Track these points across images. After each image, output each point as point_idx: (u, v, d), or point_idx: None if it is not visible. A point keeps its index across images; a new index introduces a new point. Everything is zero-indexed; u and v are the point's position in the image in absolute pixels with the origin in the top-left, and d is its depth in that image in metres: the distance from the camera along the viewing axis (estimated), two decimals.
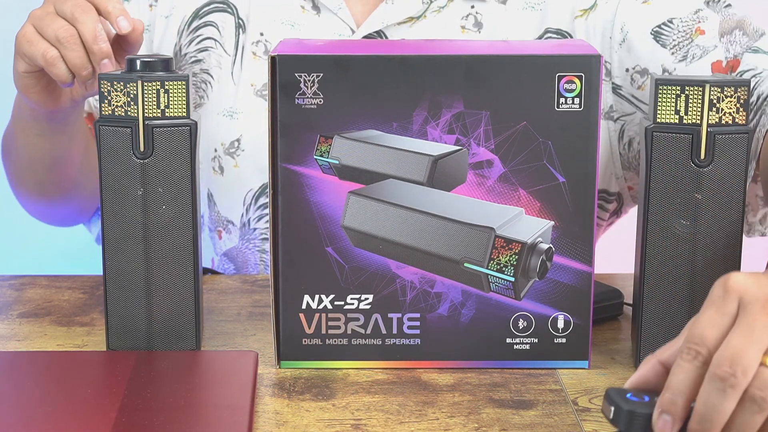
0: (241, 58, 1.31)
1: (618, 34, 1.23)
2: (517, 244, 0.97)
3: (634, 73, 1.23)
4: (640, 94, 1.23)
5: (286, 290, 1.00)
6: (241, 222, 1.34)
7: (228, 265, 1.37)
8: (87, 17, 1.08)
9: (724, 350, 0.74)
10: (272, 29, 1.31)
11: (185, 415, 0.87)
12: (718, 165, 0.95)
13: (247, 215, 1.33)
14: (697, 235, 0.96)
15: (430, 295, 1.00)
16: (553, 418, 0.91)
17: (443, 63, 0.96)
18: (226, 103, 1.31)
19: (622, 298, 1.14)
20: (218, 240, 1.37)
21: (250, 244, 1.34)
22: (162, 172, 0.98)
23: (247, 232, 1.34)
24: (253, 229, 1.33)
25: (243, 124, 1.31)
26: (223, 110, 1.32)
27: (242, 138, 1.31)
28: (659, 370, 0.79)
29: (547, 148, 0.97)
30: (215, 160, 1.33)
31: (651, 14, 1.22)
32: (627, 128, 1.25)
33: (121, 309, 1.00)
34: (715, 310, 0.76)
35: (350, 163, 0.98)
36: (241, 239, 1.34)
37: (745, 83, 0.94)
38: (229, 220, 1.34)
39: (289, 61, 0.96)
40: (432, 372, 1.00)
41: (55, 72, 1.09)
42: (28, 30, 1.10)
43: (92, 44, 1.07)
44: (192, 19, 1.33)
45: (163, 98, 0.98)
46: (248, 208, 1.32)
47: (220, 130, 1.32)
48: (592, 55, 0.96)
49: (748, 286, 0.76)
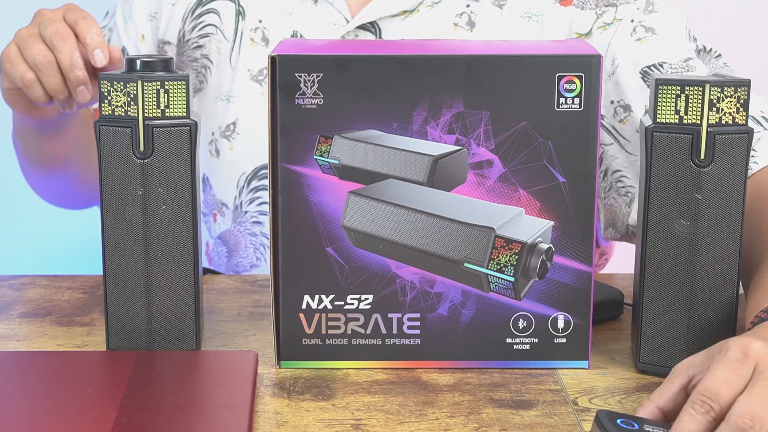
0: (239, 44, 1.34)
1: (609, 65, 1.25)
2: (517, 244, 0.97)
3: (618, 107, 1.24)
4: (621, 127, 1.24)
5: (286, 290, 1.00)
6: (234, 204, 1.37)
7: (221, 248, 1.39)
8: (65, 45, 1.11)
9: (744, 405, 0.78)
10: (271, 17, 1.34)
11: (185, 415, 0.87)
12: (718, 165, 0.95)
13: (240, 198, 1.36)
14: (697, 235, 0.96)
15: (430, 295, 1.00)
16: (553, 418, 0.91)
17: (443, 63, 0.96)
18: (224, 87, 1.35)
19: (622, 298, 1.14)
20: (213, 223, 1.40)
21: (242, 227, 1.37)
22: (162, 172, 0.98)
23: (239, 215, 1.36)
24: (245, 212, 1.36)
25: (239, 108, 1.34)
26: (220, 94, 1.35)
27: (238, 121, 1.34)
28: (658, 415, 0.84)
29: (547, 148, 0.97)
30: (212, 143, 1.37)
31: (643, 53, 1.23)
32: (604, 157, 1.26)
33: (121, 309, 1.00)
34: (731, 371, 0.81)
35: (350, 163, 0.98)
36: (233, 222, 1.37)
37: (745, 83, 0.94)
38: (224, 202, 1.37)
39: (289, 61, 0.96)
40: (432, 372, 1.00)
41: (32, 94, 1.13)
42: (12, 50, 1.14)
43: (68, 72, 1.11)
44: (196, 6, 1.37)
45: (163, 98, 0.98)
46: (241, 191, 1.35)
47: (218, 114, 1.35)
48: (592, 55, 0.96)
49: (764, 355, 0.82)
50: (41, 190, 1.46)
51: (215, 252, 1.40)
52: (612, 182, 1.26)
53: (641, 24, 1.25)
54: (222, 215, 1.38)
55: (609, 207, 1.28)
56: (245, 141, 1.34)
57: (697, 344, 0.97)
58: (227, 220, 1.38)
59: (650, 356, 0.99)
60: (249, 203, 1.35)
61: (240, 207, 1.36)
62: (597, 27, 1.27)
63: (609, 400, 0.95)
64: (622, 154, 1.24)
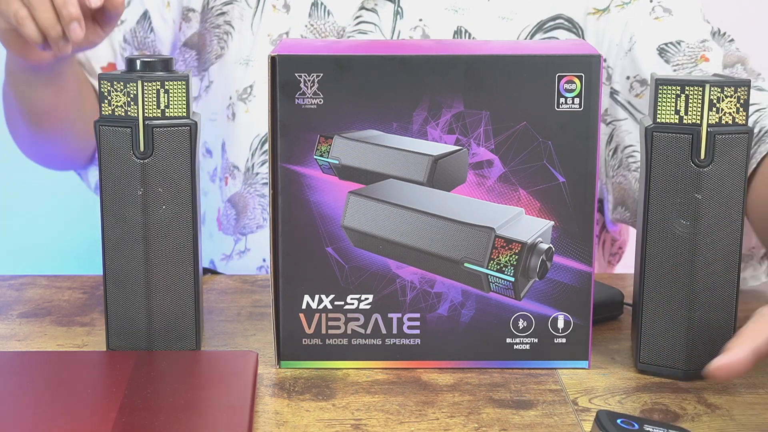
0: (262, 10, 1.37)
1: (626, 42, 1.26)
2: (517, 244, 0.97)
3: (634, 81, 1.25)
4: (637, 102, 1.25)
5: (286, 290, 1.00)
6: (245, 167, 1.38)
7: (230, 211, 1.40)
8: None
9: None
10: None
11: (185, 415, 0.87)
12: (718, 165, 0.95)
13: (252, 160, 1.37)
14: (697, 235, 0.96)
15: (430, 295, 1.00)
16: (553, 418, 0.91)
17: (443, 63, 0.96)
18: (243, 52, 1.37)
19: (622, 298, 1.14)
20: (224, 186, 1.41)
21: (251, 189, 1.38)
22: (162, 172, 0.98)
23: (250, 176, 1.37)
24: (256, 173, 1.37)
25: (256, 72, 1.36)
26: (239, 59, 1.37)
27: (255, 84, 1.36)
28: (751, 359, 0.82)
29: (547, 148, 0.97)
30: (230, 107, 1.38)
31: (661, 31, 1.25)
32: (615, 134, 1.27)
33: (121, 309, 1.00)
34: None
35: (350, 163, 0.98)
36: (244, 183, 1.38)
37: (745, 83, 0.94)
38: (235, 165, 1.39)
39: (289, 61, 0.96)
40: (432, 372, 1.00)
41: (25, 32, 1.12)
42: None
43: (61, 7, 1.10)
44: None
45: (163, 98, 0.98)
46: (254, 153, 1.37)
47: (236, 78, 1.37)
48: (592, 55, 0.96)
49: None
50: (27, 146, 1.45)
51: (224, 216, 1.41)
52: (622, 158, 1.27)
53: (659, 4, 1.27)
54: (233, 178, 1.39)
55: (618, 185, 1.29)
56: (261, 103, 1.36)
57: (697, 344, 0.97)
58: (237, 182, 1.39)
59: (650, 356, 0.99)
60: (261, 165, 1.37)
61: (252, 169, 1.37)
62: (615, 5, 1.29)
63: (609, 400, 0.95)
64: (636, 128, 1.25)
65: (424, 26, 1.32)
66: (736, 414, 0.92)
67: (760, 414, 0.93)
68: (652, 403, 0.94)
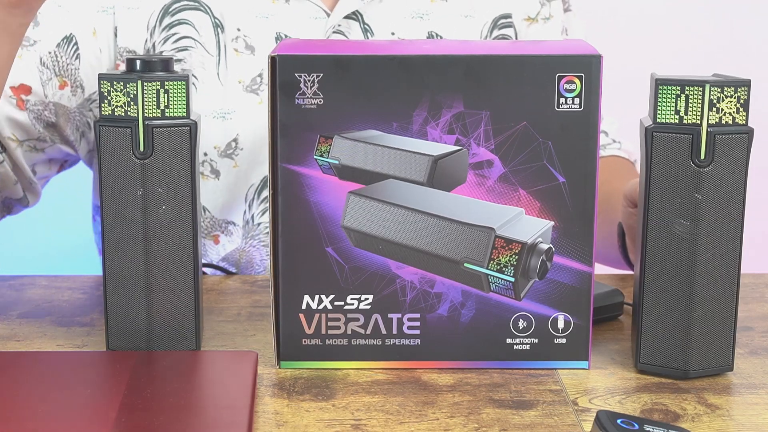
0: (225, 57, 1.31)
1: None
2: (517, 244, 0.97)
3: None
4: None
5: (286, 290, 1.00)
6: (244, 220, 1.34)
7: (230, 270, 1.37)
8: None
9: None
10: (248, 23, 1.31)
11: (185, 415, 0.87)
12: (718, 165, 0.95)
13: (250, 211, 1.34)
14: (697, 235, 0.96)
15: (430, 295, 1.00)
16: (553, 419, 0.91)
17: (443, 63, 0.96)
18: (216, 104, 1.31)
19: (622, 298, 1.14)
20: (214, 245, 1.36)
21: (255, 240, 1.34)
22: (162, 172, 0.98)
23: (251, 228, 1.34)
24: (258, 224, 1.34)
25: (238, 123, 1.31)
26: (213, 112, 1.31)
27: (239, 137, 1.31)
28: None
29: (547, 148, 0.97)
30: (204, 164, 1.32)
31: None
32: None
33: (121, 309, 1.00)
34: None
35: (350, 163, 0.98)
36: (244, 238, 1.35)
37: (745, 83, 0.94)
38: (230, 221, 1.34)
39: (289, 61, 0.96)
40: (432, 372, 1.00)
41: None
42: None
43: None
44: (162, 15, 1.31)
45: (163, 98, 0.98)
46: (251, 204, 1.33)
47: (213, 133, 1.31)
48: (593, 55, 0.96)
49: None
50: None
51: None
52: None
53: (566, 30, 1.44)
54: (228, 235, 1.35)
55: None
56: (251, 154, 1.31)
57: (697, 344, 0.97)
58: (236, 238, 1.35)
59: (650, 356, 0.99)
60: (261, 214, 1.33)
61: (252, 220, 1.34)
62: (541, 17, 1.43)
63: (609, 400, 0.95)
64: None
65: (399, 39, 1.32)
66: (736, 414, 0.92)
67: (760, 414, 0.93)
68: (652, 403, 0.94)
